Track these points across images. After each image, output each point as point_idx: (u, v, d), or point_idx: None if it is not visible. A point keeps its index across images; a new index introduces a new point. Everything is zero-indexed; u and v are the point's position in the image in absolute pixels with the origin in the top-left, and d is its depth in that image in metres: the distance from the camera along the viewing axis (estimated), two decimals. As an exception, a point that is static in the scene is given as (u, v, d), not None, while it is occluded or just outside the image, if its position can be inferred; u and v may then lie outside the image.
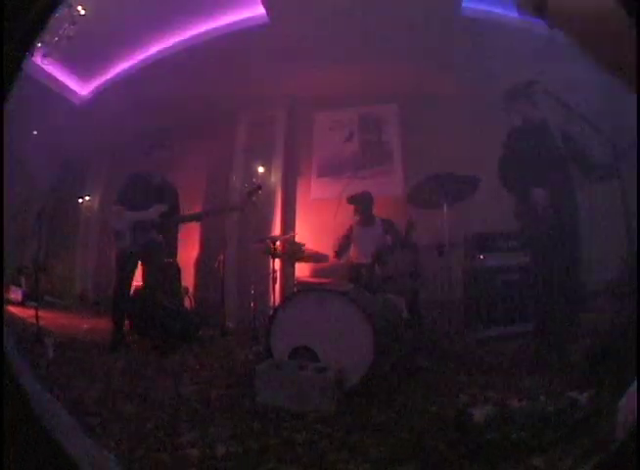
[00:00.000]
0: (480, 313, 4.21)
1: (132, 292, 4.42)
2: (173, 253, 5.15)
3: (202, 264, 5.66)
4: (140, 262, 4.27)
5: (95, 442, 1.79)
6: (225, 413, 2.52)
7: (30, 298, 5.25)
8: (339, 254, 4.58)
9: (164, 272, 4.50)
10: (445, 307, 3.90)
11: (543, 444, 1.97)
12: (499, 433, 2.01)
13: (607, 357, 2.62)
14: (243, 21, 4.80)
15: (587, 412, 2.10)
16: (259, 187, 4.43)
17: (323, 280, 4.22)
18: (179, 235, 5.32)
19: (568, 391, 2.28)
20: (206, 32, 4.94)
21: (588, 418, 2.07)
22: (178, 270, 5.11)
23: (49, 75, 5.06)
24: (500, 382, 3.00)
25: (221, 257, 4.69)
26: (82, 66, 5.22)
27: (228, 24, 4.84)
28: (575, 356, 3.17)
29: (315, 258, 4.40)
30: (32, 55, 4.00)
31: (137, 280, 4.36)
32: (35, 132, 5.13)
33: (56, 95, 5.27)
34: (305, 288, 3.85)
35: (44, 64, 4.65)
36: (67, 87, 5.38)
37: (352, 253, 4.59)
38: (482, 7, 4.59)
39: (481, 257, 4.35)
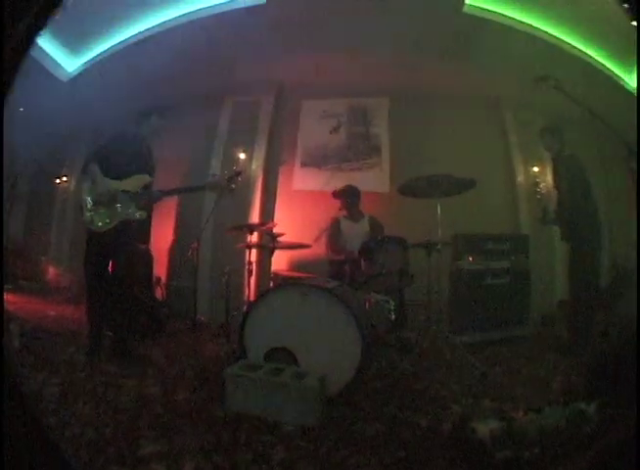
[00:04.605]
0: (466, 316, 4.10)
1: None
2: (147, 238, 4.85)
3: (175, 252, 5.39)
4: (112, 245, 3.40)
5: (53, 446, 1.54)
6: (192, 420, 2.26)
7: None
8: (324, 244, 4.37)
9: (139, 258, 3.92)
10: (432, 309, 3.66)
11: (555, 460, 1.78)
12: (510, 451, 1.79)
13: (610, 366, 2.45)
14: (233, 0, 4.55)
15: (597, 424, 1.90)
16: (239, 173, 4.16)
17: (302, 274, 3.95)
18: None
19: (573, 401, 2.07)
20: (195, 12, 4.70)
21: (598, 430, 1.87)
22: (150, 258, 4.84)
23: (36, 48, 4.71)
24: (494, 390, 2.82)
25: (195, 244, 4.39)
26: (69, 41, 4.95)
27: (218, 4, 4.61)
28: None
29: (295, 248, 4.10)
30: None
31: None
32: (22, 109, 4.85)
33: (41, 69, 4.92)
34: (285, 282, 3.58)
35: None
36: (53, 61, 5.08)
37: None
38: (486, 5, 4.44)
39: (470, 258, 4.25)
